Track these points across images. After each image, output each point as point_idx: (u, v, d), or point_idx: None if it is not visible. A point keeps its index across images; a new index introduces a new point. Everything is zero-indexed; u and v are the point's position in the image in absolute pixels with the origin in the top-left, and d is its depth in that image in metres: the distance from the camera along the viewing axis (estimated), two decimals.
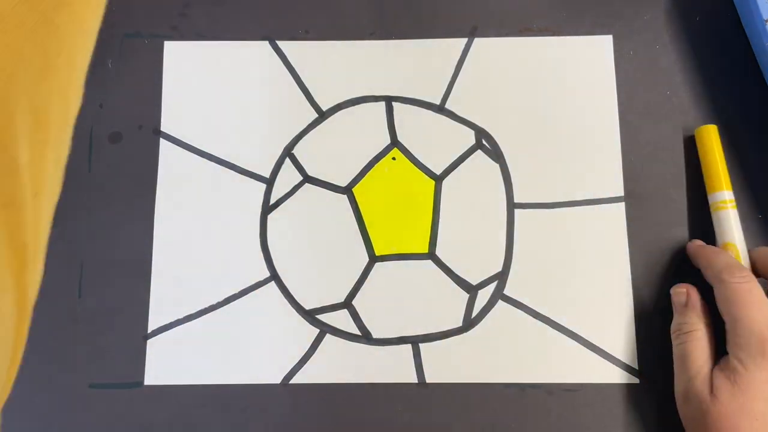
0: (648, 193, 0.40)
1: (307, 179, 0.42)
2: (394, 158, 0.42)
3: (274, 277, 0.40)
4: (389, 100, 0.42)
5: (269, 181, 0.42)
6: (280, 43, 0.43)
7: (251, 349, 0.39)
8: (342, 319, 0.40)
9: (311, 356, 0.39)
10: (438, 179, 0.41)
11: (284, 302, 0.40)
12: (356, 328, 0.40)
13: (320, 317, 0.40)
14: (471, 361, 0.39)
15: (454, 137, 0.42)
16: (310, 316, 0.40)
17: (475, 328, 0.39)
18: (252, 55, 0.43)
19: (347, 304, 0.40)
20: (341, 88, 0.43)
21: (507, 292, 0.40)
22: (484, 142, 0.42)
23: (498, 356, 0.39)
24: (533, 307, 0.39)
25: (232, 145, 0.42)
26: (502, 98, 0.42)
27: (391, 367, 0.39)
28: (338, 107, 0.42)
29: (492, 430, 0.38)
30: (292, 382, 0.39)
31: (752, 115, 0.41)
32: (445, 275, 0.40)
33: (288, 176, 0.42)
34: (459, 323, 0.39)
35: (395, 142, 0.42)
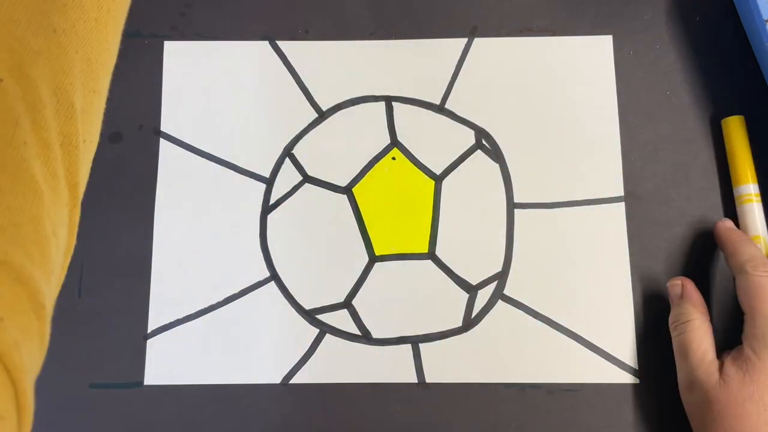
0: (648, 193, 0.40)
1: (307, 179, 0.42)
2: (394, 158, 0.42)
3: (274, 277, 0.40)
4: (389, 100, 0.42)
5: (269, 181, 0.42)
6: (280, 43, 0.43)
7: (251, 349, 0.39)
8: (342, 319, 0.40)
9: (311, 356, 0.39)
10: (438, 179, 0.41)
11: (284, 302, 0.40)
12: (356, 328, 0.40)
13: (320, 317, 0.40)
14: (471, 361, 0.39)
15: (454, 137, 0.42)
16: (310, 316, 0.40)
17: (474, 328, 0.39)
18: (252, 55, 0.43)
19: (347, 304, 0.40)
20: (341, 88, 0.43)
21: (507, 292, 0.40)
22: (484, 142, 0.42)
23: (498, 356, 0.39)
24: (533, 307, 0.39)
25: (232, 145, 0.42)
26: (502, 98, 0.42)
27: (391, 367, 0.39)
28: (338, 107, 0.42)
29: (492, 430, 0.38)
30: (291, 382, 0.39)
31: (752, 115, 0.41)
32: (445, 275, 0.40)
33: (288, 176, 0.42)
34: (459, 323, 0.39)
35: (395, 142, 0.42)
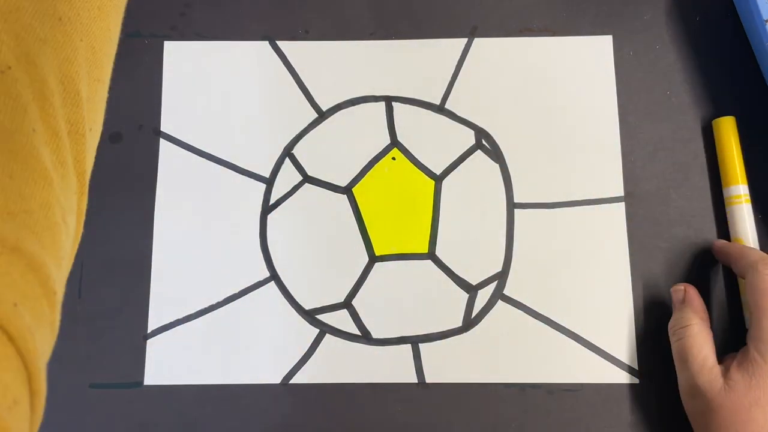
0: (648, 193, 0.40)
1: (307, 179, 0.42)
2: (394, 158, 0.42)
3: (274, 277, 0.40)
4: (389, 100, 0.42)
5: (269, 181, 0.42)
6: (280, 43, 0.43)
7: (251, 349, 0.39)
8: (342, 319, 0.40)
9: (311, 356, 0.39)
10: (438, 179, 0.41)
11: (284, 302, 0.40)
12: (356, 328, 0.40)
13: (320, 317, 0.40)
14: (471, 361, 0.39)
15: (453, 137, 0.42)
16: (310, 316, 0.40)
17: (474, 328, 0.39)
18: (252, 55, 0.43)
19: (347, 304, 0.40)
20: (341, 88, 0.43)
21: (507, 292, 0.40)
22: (484, 142, 0.42)
23: (498, 356, 0.39)
24: (533, 307, 0.39)
25: (232, 145, 0.42)
26: (502, 98, 0.42)
27: (391, 367, 0.39)
28: (338, 107, 0.42)
29: (492, 430, 0.38)
30: (291, 382, 0.39)
31: (752, 115, 0.41)
32: (445, 275, 0.40)
33: (288, 176, 0.42)
34: (459, 323, 0.39)
35: (395, 142, 0.42)
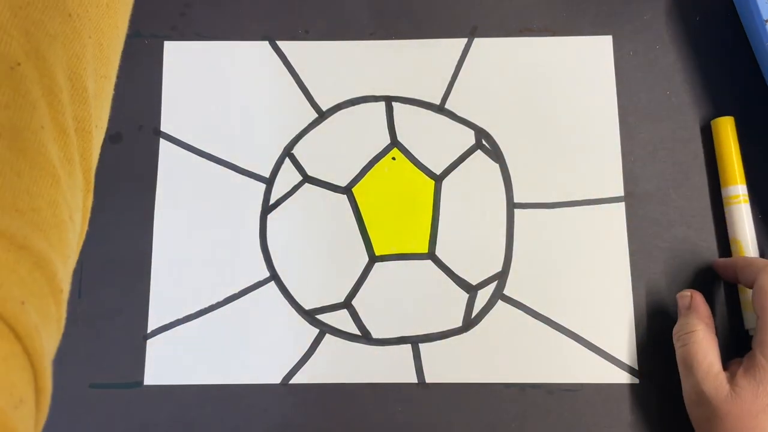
0: (648, 193, 0.40)
1: (307, 179, 0.42)
2: (394, 158, 0.42)
3: (274, 277, 0.40)
4: (389, 100, 0.42)
5: (269, 181, 0.42)
6: (280, 43, 0.43)
7: (251, 349, 0.39)
8: (342, 319, 0.40)
9: (311, 356, 0.39)
10: (438, 179, 0.41)
11: (284, 302, 0.40)
12: (356, 328, 0.40)
13: (320, 317, 0.40)
14: (471, 361, 0.39)
15: (453, 137, 0.42)
16: (310, 316, 0.40)
17: (474, 328, 0.39)
18: (252, 55, 0.43)
19: (347, 304, 0.40)
20: (341, 88, 0.43)
21: (507, 292, 0.40)
22: (484, 142, 0.42)
23: (498, 356, 0.39)
24: (533, 307, 0.39)
25: (232, 145, 0.42)
26: (502, 98, 0.42)
27: (390, 367, 0.39)
28: (338, 107, 0.42)
29: (492, 430, 0.38)
30: (291, 382, 0.39)
31: (751, 115, 0.41)
32: (445, 275, 0.40)
33: (288, 176, 0.42)
34: (459, 323, 0.39)
35: (395, 142, 0.42)
